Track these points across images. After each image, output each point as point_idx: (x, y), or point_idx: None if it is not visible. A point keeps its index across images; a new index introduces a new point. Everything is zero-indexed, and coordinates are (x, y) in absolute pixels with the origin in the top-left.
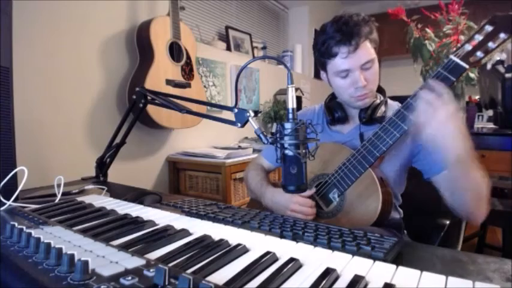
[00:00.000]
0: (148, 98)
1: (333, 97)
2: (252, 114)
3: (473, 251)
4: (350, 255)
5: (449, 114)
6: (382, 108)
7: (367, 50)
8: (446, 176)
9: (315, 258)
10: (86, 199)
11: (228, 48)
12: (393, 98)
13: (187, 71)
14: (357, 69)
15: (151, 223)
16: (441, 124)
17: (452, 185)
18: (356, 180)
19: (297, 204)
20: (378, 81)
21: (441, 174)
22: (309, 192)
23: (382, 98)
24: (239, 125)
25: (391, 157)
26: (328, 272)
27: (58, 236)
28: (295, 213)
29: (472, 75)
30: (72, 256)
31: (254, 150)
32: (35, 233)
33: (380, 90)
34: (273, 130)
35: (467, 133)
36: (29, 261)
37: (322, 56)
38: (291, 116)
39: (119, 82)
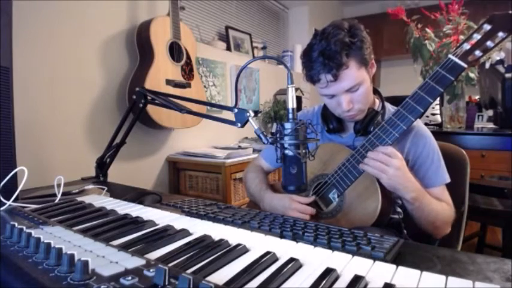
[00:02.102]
0: (148, 98)
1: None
2: (252, 114)
3: (473, 251)
4: (350, 255)
5: (399, 165)
6: (379, 119)
7: (350, 76)
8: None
9: (315, 258)
10: (86, 199)
11: (228, 48)
12: (393, 98)
13: (187, 71)
14: (340, 94)
15: (151, 223)
16: (396, 173)
17: (410, 213)
18: (355, 181)
19: (295, 211)
20: (368, 99)
21: None
22: (308, 199)
23: (379, 103)
24: (239, 125)
25: None
26: (328, 272)
27: (58, 236)
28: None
29: (472, 75)
30: (72, 256)
31: (254, 150)
32: (35, 233)
33: (376, 92)
34: (273, 130)
35: (414, 179)
36: (29, 261)
37: (306, 78)
38: (291, 116)
39: (119, 82)
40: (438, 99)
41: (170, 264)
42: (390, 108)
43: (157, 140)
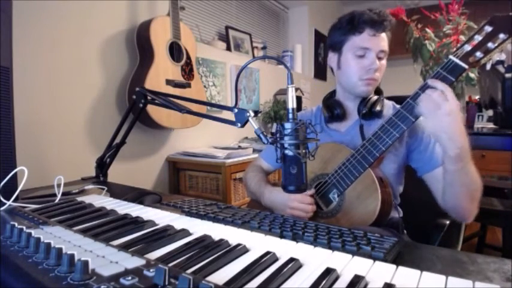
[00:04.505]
0: (148, 98)
1: (330, 96)
2: (252, 114)
3: (473, 251)
4: (350, 255)
5: (452, 109)
6: (380, 104)
7: (387, 41)
8: (441, 173)
9: (315, 258)
10: (86, 199)
11: (228, 48)
12: (393, 98)
13: (187, 71)
14: (375, 52)
15: (151, 223)
16: (444, 118)
17: (448, 181)
18: (355, 180)
19: (296, 202)
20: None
21: (435, 171)
22: (309, 192)
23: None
24: (239, 125)
25: (390, 157)
26: (328, 272)
27: (58, 236)
28: (295, 211)
29: (472, 75)
30: (72, 256)
31: (254, 150)
32: (35, 233)
33: (376, 91)
34: (273, 130)
35: (466, 132)
36: (29, 261)
37: (345, 31)
38: (291, 116)
39: (119, 82)
40: None
41: (170, 264)
42: (390, 104)
43: (157, 140)
